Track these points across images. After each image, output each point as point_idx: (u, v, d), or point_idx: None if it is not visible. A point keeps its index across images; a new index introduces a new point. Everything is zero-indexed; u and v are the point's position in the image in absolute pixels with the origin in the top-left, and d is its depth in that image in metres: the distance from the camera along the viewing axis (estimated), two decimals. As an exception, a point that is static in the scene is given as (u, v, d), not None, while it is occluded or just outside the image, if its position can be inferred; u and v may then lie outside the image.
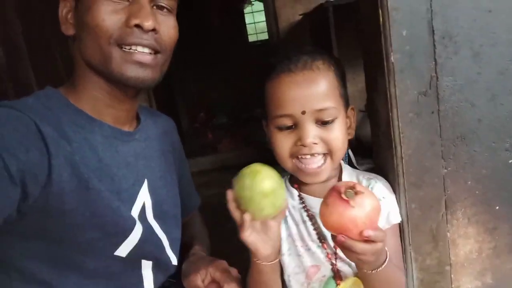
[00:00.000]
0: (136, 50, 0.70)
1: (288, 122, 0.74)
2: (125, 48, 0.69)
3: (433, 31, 0.72)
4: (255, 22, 6.01)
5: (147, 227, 0.78)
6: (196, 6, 4.18)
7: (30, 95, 0.71)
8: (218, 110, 5.62)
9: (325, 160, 0.75)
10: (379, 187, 0.80)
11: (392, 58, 0.73)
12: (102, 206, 0.69)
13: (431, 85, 0.74)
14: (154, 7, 0.72)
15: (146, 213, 0.80)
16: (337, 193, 0.61)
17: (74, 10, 0.72)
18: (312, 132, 0.72)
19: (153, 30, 0.70)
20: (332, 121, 0.73)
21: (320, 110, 0.72)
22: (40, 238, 0.67)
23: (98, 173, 0.70)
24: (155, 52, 0.72)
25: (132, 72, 0.70)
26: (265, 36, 5.53)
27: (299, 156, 0.75)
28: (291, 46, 0.85)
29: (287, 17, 3.08)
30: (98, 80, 0.73)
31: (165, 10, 0.74)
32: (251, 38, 5.99)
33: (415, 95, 0.74)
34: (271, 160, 0.82)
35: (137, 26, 0.68)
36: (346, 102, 0.78)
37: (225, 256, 0.93)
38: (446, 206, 0.79)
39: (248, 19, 5.91)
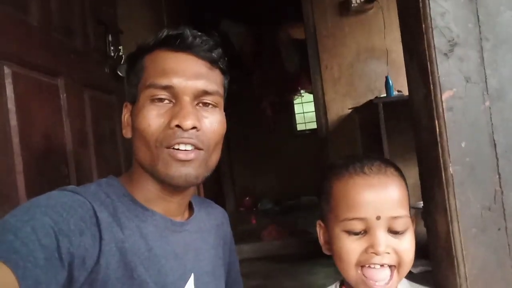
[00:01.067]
0: (179, 149, 0.72)
1: (360, 226, 0.69)
2: (170, 150, 0.72)
3: (495, 144, 0.69)
4: (304, 112, 6.21)
5: None
6: (249, 97, 4.43)
7: (93, 183, 0.76)
8: (264, 196, 5.62)
9: (391, 274, 0.69)
10: None
11: (451, 169, 0.70)
12: None
13: (496, 199, 0.69)
14: (200, 104, 0.75)
15: None
16: None
17: (131, 114, 0.78)
18: (385, 240, 0.67)
19: (194, 128, 0.72)
20: (404, 231, 0.68)
21: (395, 218, 0.67)
22: None
23: (146, 263, 0.70)
24: (198, 149, 0.74)
25: (176, 171, 0.72)
26: (313, 126, 5.67)
27: (367, 265, 0.69)
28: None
29: (336, 110, 3.16)
30: (149, 177, 0.76)
31: (210, 106, 0.76)
32: (300, 127, 6.15)
33: (478, 210, 0.69)
34: (313, 252, 0.77)
35: (178, 126, 0.71)
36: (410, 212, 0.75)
37: None
38: (521, 339, 0.68)
39: (297, 109, 6.13)
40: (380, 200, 0.68)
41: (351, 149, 3.10)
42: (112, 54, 1.66)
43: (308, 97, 5.70)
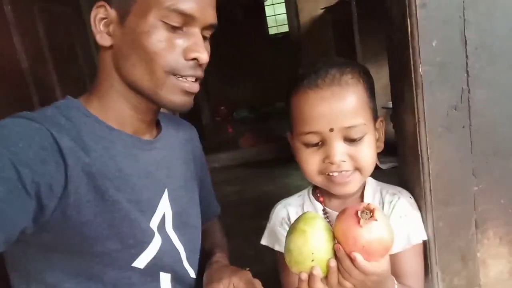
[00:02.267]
0: (187, 80, 0.72)
1: (315, 139, 0.71)
2: (178, 77, 0.71)
3: (465, 41, 0.67)
4: (276, 14, 5.94)
5: (166, 239, 0.78)
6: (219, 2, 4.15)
7: (49, 106, 0.71)
8: (238, 104, 5.62)
9: (352, 177, 0.73)
10: (402, 204, 0.76)
11: (420, 70, 0.69)
12: (120, 216, 0.69)
13: (463, 98, 0.70)
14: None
15: (166, 224, 0.80)
16: (354, 210, 0.60)
17: (117, 23, 0.70)
18: (340, 149, 0.70)
19: None
20: (361, 138, 0.70)
21: (349, 128, 0.69)
22: (60, 250, 0.67)
23: (117, 183, 0.70)
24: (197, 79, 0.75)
25: (180, 99, 0.73)
26: (285, 29, 5.47)
27: (328, 173, 0.73)
28: (319, 59, 0.80)
29: (309, 11, 3.03)
30: (128, 94, 0.73)
31: (208, 36, 0.75)
32: (272, 31, 5.93)
33: (445, 109, 0.70)
34: (289, 156, 0.81)
35: (194, 59, 0.70)
36: (375, 114, 0.75)
37: (245, 255, 0.93)
38: (476, 225, 0.75)
39: (268, 11, 5.85)
40: (332, 112, 0.69)
41: (324, 52, 3.05)
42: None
43: (279, -2, 5.41)
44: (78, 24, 1.58)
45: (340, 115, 0.69)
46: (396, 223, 0.74)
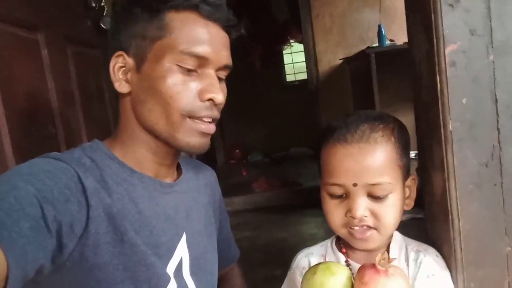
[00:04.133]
0: (203, 121, 0.73)
1: (339, 191, 0.72)
2: (195, 120, 0.73)
3: (496, 100, 0.68)
4: (294, 62, 6.10)
5: (182, 285, 0.76)
6: (238, 51, 4.30)
7: (76, 147, 0.74)
8: (253, 148, 5.65)
9: (373, 235, 0.72)
10: (429, 262, 0.73)
11: (450, 126, 0.69)
12: (137, 260, 0.68)
13: (494, 156, 0.69)
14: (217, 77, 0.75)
15: (183, 269, 0.78)
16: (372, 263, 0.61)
17: (134, 71, 0.73)
18: (362, 205, 0.70)
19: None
20: (386, 196, 0.70)
21: (373, 185, 0.69)
22: None
23: (136, 225, 0.70)
24: (215, 120, 0.76)
25: (196, 141, 0.74)
26: (303, 76, 5.59)
27: (350, 227, 0.73)
28: (354, 114, 0.81)
29: (328, 61, 3.11)
30: (147, 139, 0.75)
31: (223, 77, 0.77)
32: (289, 78, 6.07)
33: (475, 166, 0.69)
34: (304, 202, 0.80)
35: (209, 100, 0.72)
36: (407, 172, 0.75)
37: None
38: (510, 288, 0.71)
39: (286, 59, 6.01)
40: (357, 168, 0.69)
41: (342, 101, 3.09)
42: (94, 5, 1.57)
43: (297, 47, 5.57)
44: (106, 64, 1.64)
45: (365, 172, 0.69)
46: (423, 283, 0.71)
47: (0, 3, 1.03)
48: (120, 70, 0.74)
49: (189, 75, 0.71)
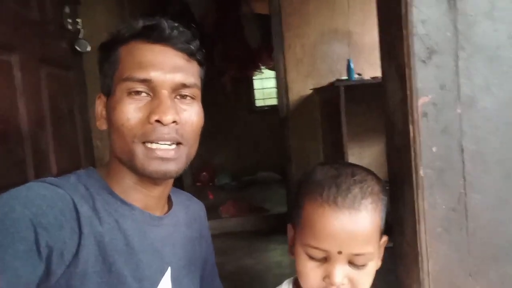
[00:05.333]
0: (158, 146, 0.71)
1: (320, 254, 0.68)
2: (148, 145, 0.71)
3: (462, 150, 0.73)
4: (263, 88, 6.20)
5: None
6: (210, 71, 4.34)
7: (71, 173, 0.74)
8: (221, 171, 5.62)
9: None
10: None
11: (421, 172, 0.73)
12: None
13: (460, 201, 0.74)
14: (178, 97, 0.74)
15: None
16: None
17: (105, 107, 0.75)
18: (342, 273, 0.67)
19: (174, 122, 0.71)
20: (365, 265, 0.68)
21: (357, 255, 0.67)
22: None
23: (124, 257, 0.69)
24: (177, 143, 0.73)
25: (155, 167, 0.71)
26: (272, 102, 5.68)
27: None
28: (341, 165, 0.76)
29: (298, 90, 3.18)
30: (127, 170, 0.75)
31: (188, 98, 0.75)
32: (258, 103, 6.14)
33: (444, 211, 0.74)
34: (270, 229, 0.75)
35: (158, 121, 0.70)
36: (382, 233, 0.73)
37: None
38: (474, 328, 0.75)
39: (256, 84, 6.10)
40: (345, 236, 0.66)
41: (311, 129, 3.16)
42: (70, 27, 1.55)
43: (268, 73, 5.68)
44: (80, 87, 1.62)
45: (352, 241, 0.66)
46: None
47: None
48: (103, 110, 0.77)
49: (140, 101, 0.71)
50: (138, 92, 0.70)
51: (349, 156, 3.03)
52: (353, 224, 0.66)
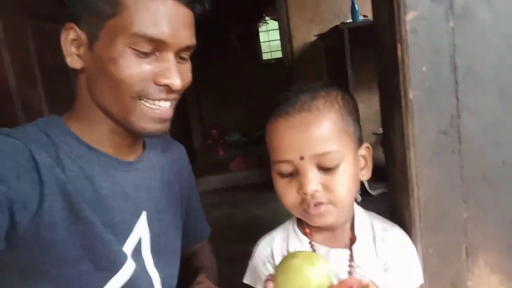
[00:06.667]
0: (159, 106, 0.70)
1: (287, 168, 0.67)
2: (147, 102, 0.68)
3: (455, 67, 0.68)
4: (270, 40, 6.04)
5: (140, 264, 0.75)
6: (214, 27, 4.22)
7: (31, 123, 0.71)
8: (231, 128, 5.62)
9: (328, 210, 0.68)
10: (396, 241, 0.74)
11: (410, 95, 0.69)
12: (93, 237, 0.67)
13: (452, 123, 0.70)
14: (178, 58, 0.71)
15: (142, 248, 0.77)
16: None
17: (87, 47, 0.68)
18: (313, 178, 0.65)
19: None
20: (336, 166, 0.66)
21: (321, 155, 0.65)
22: (30, 271, 0.65)
23: (92, 204, 0.68)
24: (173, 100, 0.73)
25: (153, 127, 0.71)
26: (279, 55, 5.55)
27: (305, 206, 0.68)
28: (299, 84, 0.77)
29: (302, 37, 3.08)
30: (104, 118, 0.72)
31: (185, 57, 0.73)
32: (265, 57, 6.01)
33: (434, 134, 0.70)
34: None
35: (165, 85, 0.68)
36: (359, 140, 0.72)
37: (231, 280, 0.91)
38: (466, 253, 0.73)
39: (262, 37, 5.94)
40: (301, 139, 0.65)
41: (317, 78, 3.08)
42: (53, -25, 1.48)
43: (273, 24, 5.51)
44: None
45: (310, 142, 0.65)
46: (393, 262, 0.71)
47: None
48: (72, 44, 0.69)
49: (144, 58, 0.66)
50: (143, 50, 0.65)
51: (358, 104, 2.94)
52: (306, 126, 0.65)
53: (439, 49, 0.67)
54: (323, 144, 0.65)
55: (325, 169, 0.66)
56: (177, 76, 0.68)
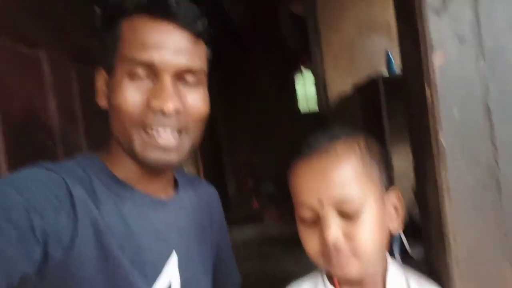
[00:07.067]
0: (159, 133, 0.67)
1: (308, 214, 0.65)
2: (148, 131, 0.67)
3: (488, 109, 0.63)
4: (306, 92, 6.13)
5: None
6: (249, 74, 4.34)
7: (70, 159, 0.72)
8: (265, 178, 5.59)
9: (351, 261, 0.63)
10: None
11: (442, 140, 0.64)
12: (120, 277, 0.65)
13: (492, 175, 0.64)
14: (182, 82, 0.69)
15: None
16: None
17: (107, 85, 0.71)
18: (333, 225, 0.62)
19: (176, 110, 0.68)
20: (358, 215, 0.62)
21: (340, 200, 0.62)
22: None
23: (123, 242, 0.66)
24: (179, 131, 0.69)
25: (155, 156, 0.68)
26: (315, 105, 5.59)
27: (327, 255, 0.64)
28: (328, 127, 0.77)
29: (337, 89, 3.08)
30: (127, 154, 0.72)
31: (193, 83, 0.71)
32: (302, 107, 6.08)
33: (472, 185, 0.64)
34: None
35: (159, 109, 0.66)
36: (386, 187, 0.67)
37: None
38: (513, 321, 0.64)
39: (299, 89, 6.05)
40: (319, 183, 0.63)
41: (353, 128, 3.05)
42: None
43: (309, 77, 5.61)
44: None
45: (328, 185, 0.62)
46: None
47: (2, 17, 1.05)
48: (103, 86, 0.72)
49: (140, 84, 0.66)
50: (139, 76, 0.66)
51: (395, 155, 2.86)
52: (324, 169, 0.63)
53: (471, 92, 0.63)
54: (341, 188, 0.62)
55: (347, 217, 0.62)
56: (170, 99, 0.66)
